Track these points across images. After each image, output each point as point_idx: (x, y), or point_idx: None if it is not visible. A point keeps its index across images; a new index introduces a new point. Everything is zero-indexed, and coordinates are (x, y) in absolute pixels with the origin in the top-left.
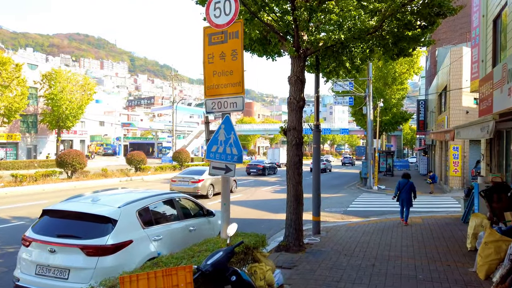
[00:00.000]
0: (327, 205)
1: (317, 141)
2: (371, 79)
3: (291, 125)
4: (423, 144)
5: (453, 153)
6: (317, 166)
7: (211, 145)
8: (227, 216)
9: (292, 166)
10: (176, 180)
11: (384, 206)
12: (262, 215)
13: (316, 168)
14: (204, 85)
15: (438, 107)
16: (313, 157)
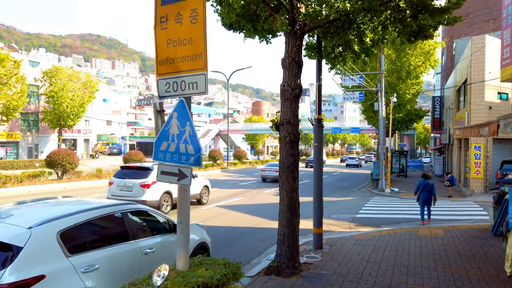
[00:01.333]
0: (334, 211)
1: (319, 138)
2: (383, 73)
3: (284, 118)
4: (438, 144)
5: (475, 153)
6: (319, 168)
7: (160, 141)
8: (185, 240)
9: (286, 168)
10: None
11: (398, 213)
12: (259, 223)
13: (317, 171)
14: (156, 59)
15: (456, 103)
16: (314, 157)
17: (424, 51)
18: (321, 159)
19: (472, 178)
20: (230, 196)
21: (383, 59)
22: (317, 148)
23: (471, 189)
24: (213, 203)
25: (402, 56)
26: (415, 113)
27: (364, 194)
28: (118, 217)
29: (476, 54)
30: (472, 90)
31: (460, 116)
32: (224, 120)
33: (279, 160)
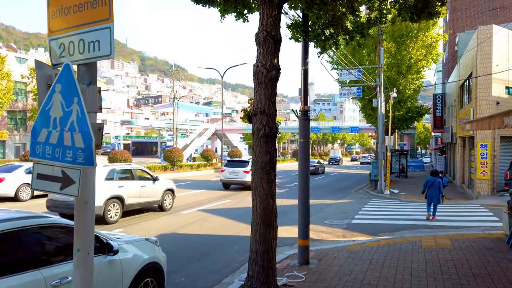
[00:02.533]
0: (328, 215)
1: (305, 133)
2: (382, 67)
3: (258, 107)
4: (440, 143)
5: (481, 152)
6: (305, 169)
7: (38, 129)
8: (86, 276)
9: (260, 169)
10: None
11: (398, 218)
12: (242, 230)
13: (303, 172)
14: (48, 10)
15: (459, 99)
16: (299, 156)
17: (426, 43)
18: (307, 158)
19: (478, 179)
20: (217, 199)
21: (382, 52)
22: (303, 145)
23: (477, 191)
24: (197, 206)
25: (403, 49)
26: (416, 111)
27: (362, 196)
28: (12, 236)
29: (483, 46)
30: (478, 84)
31: (465, 113)
32: (218, 121)
33: (252, 159)
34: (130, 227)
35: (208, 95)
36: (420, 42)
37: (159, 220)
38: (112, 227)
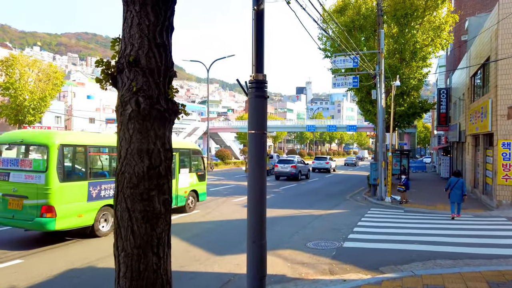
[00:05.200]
0: (313, 234)
1: (258, 120)
2: (383, 52)
3: (128, 52)
4: (444, 142)
5: (503, 152)
6: (260, 179)
7: None
8: None
9: (127, 190)
10: None
11: (406, 239)
12: (191, 262)
13: (256, 183)
14: None
15: (470, 92)
16: (249, 156)
17: (434, 25)
18: (260, 157)
19: (499, 184)
20: None
21: (382, 34)
22: (255, 138)
23: (497, 199)
24: None
25: (407, 32)
26: (419, 106)
27: (358, 204)
28: None
29: (505, 22)
30: (499, 70)
31: (479, 106)
32: (216, 118)
33: (116, 166)
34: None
35: (205, 94)
36: (427, 24)
37: (79, 248)
38: None
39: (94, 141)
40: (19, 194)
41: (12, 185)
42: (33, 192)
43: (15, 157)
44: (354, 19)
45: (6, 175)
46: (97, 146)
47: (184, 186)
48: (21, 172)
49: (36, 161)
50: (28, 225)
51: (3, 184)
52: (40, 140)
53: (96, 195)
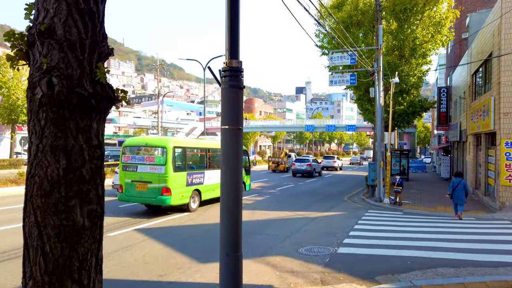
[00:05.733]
0: (306, 239)
1: (232, 113)
2: (381, 48)
3: (42, 20)
4: (444, 142)
5: (506, 152)
6: (234, 180)
7: None
8: None
9: (37, 199)
10: None
11: (404, 244)
12: (174, 269)
13: (229, 187)
14: None
15: (471, 90)
16: (222, 155)
17: (434, 21)
18: (235, 156)
19: (501, 185)
20: (176, 210)
21: (381, 30)
22: (229, 134)
23: (500, 200)
24: (138, 223)
25: (406, 28)
26: (419, 105)
27: (356, 205)
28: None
29: (508, 16)
30: (502, 66)
31: (481, 104)
32: (215, 118)
33: (27, 169)
34: None
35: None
36: (427, 19)
37: None
38: None
39: (189, 143)
40: (145, 180)
41: (140, 174)
42: (155, 179)
43: (141, 156)
44: (352, 14)
45: (135, 167)
46: (192, 148)
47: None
48: (146, 165)
49: (158, 158)
50: (152, 201)
51: (132, 174)
52: (160, 144)
53: (190, 182)
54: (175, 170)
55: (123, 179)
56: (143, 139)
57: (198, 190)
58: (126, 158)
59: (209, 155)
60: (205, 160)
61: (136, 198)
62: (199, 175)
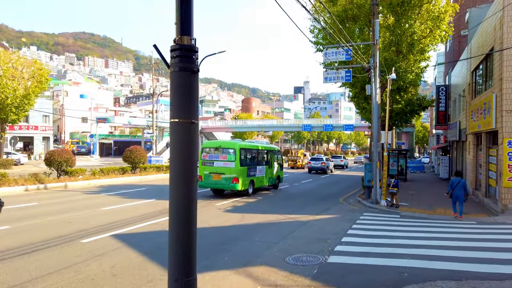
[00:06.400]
0: (295, 246)
1: (184, 103)
2: (377, 43)
3: None
4: (443, 141)
5: (509, 152)
6: (185, 186)
7: None
8: None
9: None
10: None
11: (400, 252)
12: (145, 281)
13: (179, 195)
14: None
15: (471, 87)
16: (171, 155)
17: (432, 15)
18: (187, 157)
19: (504, 187)
20: (159, 213)
21: (377, 25)
22: (180, 129)
23: (502, 203)
24: (118, 228)
25: (403, 22)
26: (417, 103)
27: (351, 207)
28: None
29: (510, 8)
30: (504, 60)
31: (482, 102)
32: (212, 118)
33: None
34: None
35: (204, 94)
36: (425, 14)
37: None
38: None
39: (248, 145)
40: (220, 172)
41: (215, 168)
42: (228, 171)
43: (216, 154)
44: (347, 8)
45: (211, 163)
46: (249, 148)
47: (275, 172)
48: (220, 161)
49: (229, 156)
50: (225, 187)
51: (209, 167)
52: (231, 146)
53: (249, 174)
54: (241, 165)
55: (202, 171)
56: (217, 142)
57: (252, 180)
58: (205, 156)
59: (258, 154)
60: (256, 158)
61: (212, 185)
62: (253, 169)
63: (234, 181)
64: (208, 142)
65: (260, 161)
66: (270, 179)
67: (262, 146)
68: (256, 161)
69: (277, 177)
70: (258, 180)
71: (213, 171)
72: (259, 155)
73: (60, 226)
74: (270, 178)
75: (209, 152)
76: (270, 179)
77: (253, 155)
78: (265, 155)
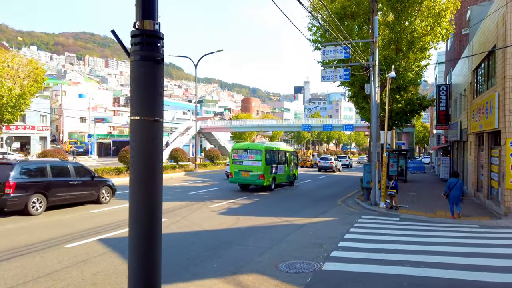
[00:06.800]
0: (289, 251)
1: (145, 97)
2: (377, 41)
3: None
4: (443, 142)
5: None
6: (147, 192)
7: None
8: None
9: None
10: None
11: (399, 259)
12: None
13: (140, 204)
14: None
15: (473, 86)
16: (131, 157)
17: (433, 12)
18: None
19: (507, 189)
20: None
21: (376, 22)
22: (141, 128)
23: (505, 205)
24: (108, 231)
25: (403, 19)
26: (417, 102)
27: (350, 209)
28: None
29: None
30: (508, 58)
31: (483, 102)
32: (212, 118)
33: None
34: None
35: (204, 94)
36: (426, 10)
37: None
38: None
39: (271, 147)
40: (248, 170)
41: (244, 166)
42: (255, 169)
43: (245, 155)
44: (346, 5)
45: (240, 162)
46: (272, 149)
47: (292, 170)
48: (249, 160)
49: (256, 156)
50: (253, 182)
51: (239, 166)
52: (258, 147)
53: (271, 172)
54: (266, 164)
55: (232, 169)
56: (246, 145)
57: (274, 177)
58: (235, 156)
59: (279, 155)
60: (277, 158)
61: (241, 180)
62: (275, 167)
63: (260, 178)
64: (237, 144)
65: (281, 161)
66: (288, 177)
67: (282, 148)
68: (277, 161)
69: (293, 175)
70: (279, 177)
71: (242, 169)
72: (280, 156)
73: (45, 230)
74: (288, 176)
75: (239, 152)
76: (287, 176)
77: (275, 155)
78: (284, 156)
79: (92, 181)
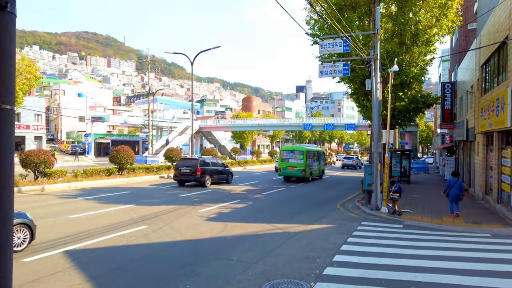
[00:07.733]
0: (277, 266)
1: None
2: (378, 33)
3: None
4: (448, 141)
5: None
6: None
7: None
8: None
9: None
10: None
11: (403, 279)
12: None
13: None
14: None
15: (481, 82)
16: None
17: (439, 3)
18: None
19: None
20: (134, 222)
21: (378, 13)
22: None
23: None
24: (81, 240)
25: (407, 10)
26: (421, 100)
27: (349, 215)
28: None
29: None
30: None
31: (493, 98)
32: (213, 117)
33: None
34: None
35: (207, 93)
36: (431, 1)
37: None
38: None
39: (309, 149)
40: (292, 165)
41: (289, 163)
42: (298, 165)
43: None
44: None
45: (287, 160)
46: (310, 150)
47: (322, 166)
48: (294, 159)
49: (299, 155)
50: (297, 175)
51: (286, 163)
52: (301, 149)
53: (310, 167)
54: (306, 161)
55: (281, 165)
56: (291, 147)
57: (311, 171)
58: (283, 155)
59: (314, 154)
60: (313, 157)
61: (287, 173)
62: (311, 164)
63: (303, 172)
64: (285, 147)
65: (315, 159)
66: (318, 171)
67: (316, 149)
68: (312, 159)
69: (322, 170)
70: (313, 171)
71: (289, 165)
72: (314, 155)
73: None
74: (318, 171)
75: (285, 153)
76: (318, 171)
77: (311, 155)
78: (317, 155)
79: None
